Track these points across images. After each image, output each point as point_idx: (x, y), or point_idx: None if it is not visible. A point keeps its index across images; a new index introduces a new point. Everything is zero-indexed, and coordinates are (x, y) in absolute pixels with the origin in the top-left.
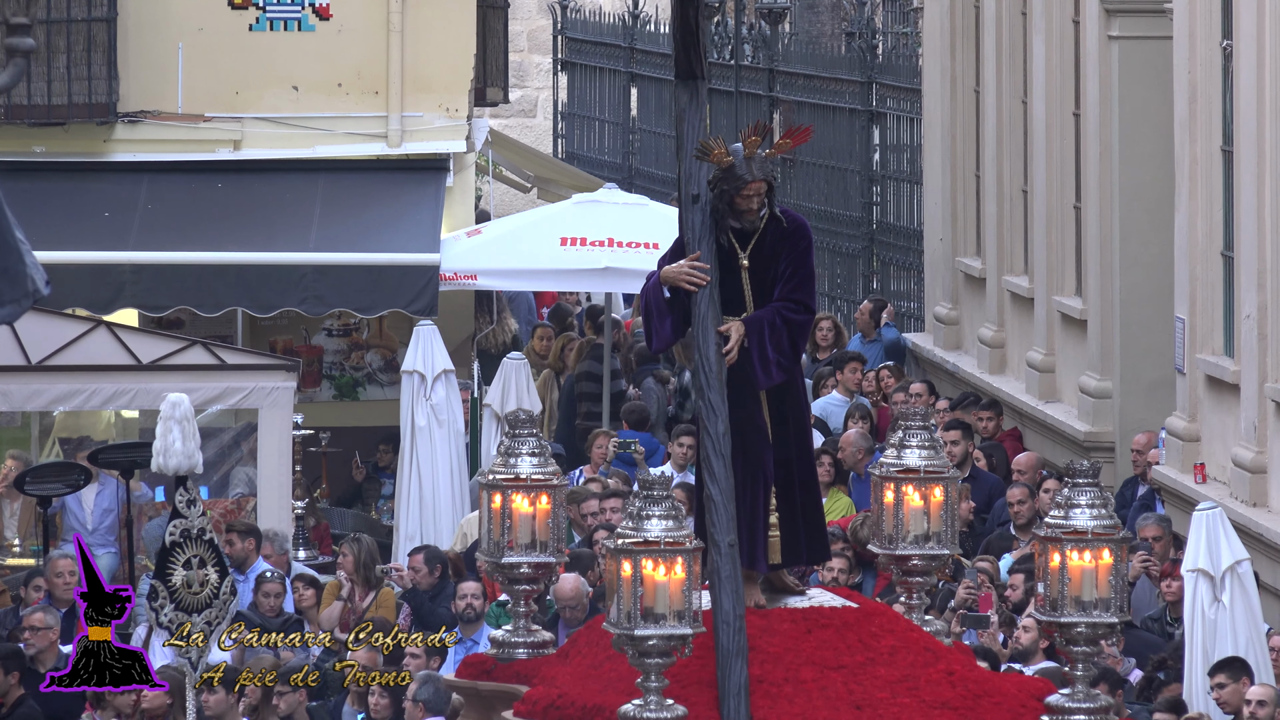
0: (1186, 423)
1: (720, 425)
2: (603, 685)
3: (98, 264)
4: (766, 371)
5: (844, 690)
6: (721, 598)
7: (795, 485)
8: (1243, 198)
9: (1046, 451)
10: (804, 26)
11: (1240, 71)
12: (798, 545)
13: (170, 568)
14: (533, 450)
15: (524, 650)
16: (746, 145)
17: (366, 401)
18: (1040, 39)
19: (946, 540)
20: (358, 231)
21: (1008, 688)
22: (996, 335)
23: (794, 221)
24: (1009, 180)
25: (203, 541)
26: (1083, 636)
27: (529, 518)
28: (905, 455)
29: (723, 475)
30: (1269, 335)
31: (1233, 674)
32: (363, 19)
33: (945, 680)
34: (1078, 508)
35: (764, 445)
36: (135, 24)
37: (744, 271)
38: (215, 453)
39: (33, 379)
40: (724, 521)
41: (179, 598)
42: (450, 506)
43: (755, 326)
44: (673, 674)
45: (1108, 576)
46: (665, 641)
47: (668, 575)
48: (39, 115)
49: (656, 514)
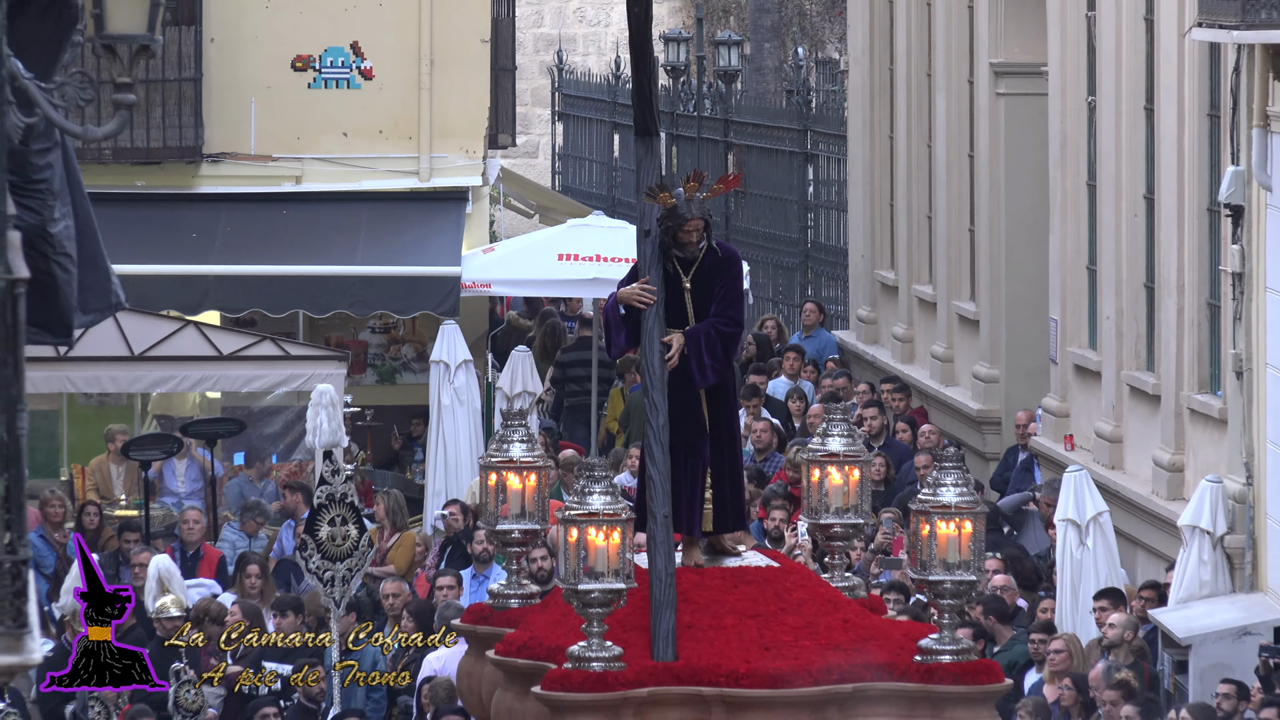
0: (1058, 402)
1: (660, 418)
2: (566, 630)
3: (187, 275)
4: (703, 374)
5: (757, 634)
6: (656, 559)
7: (725, 468)
8: (1103, 223)
9: (947, 425)
10: (752, 85)
11: (1101, 121)
12: (725, 516)
13: (318, 525)
14: (522, 438)
15: (515, 600)
16: (686, 190)
17: (402, 385)
18: (942, 95)
19: (861, 511)
20: (395, 249)
21: (892, 632)
22: (906, 332)
23: (727, 252)
24: (916, 208)
25: (345, 504)
26: (948, 591)
27: (519, 493)
28: (829, 442)
29: (661, 459)
30: (1124, 333)
31: (1113, 600)
32: (399, 79)
33: (840, 626)
34: (944, 486)
35: (701, 435)
36: (217, 83)
37: (686, 293)
38: (281, 426)
39: (135, 367)
40: (660, 496)
41: (325, 549)
42: (469, 469)
43: (694, 337)
44: (615, 621)
45: (968, 543)
46: (604, 594)
47: (606, 541)
48: (139, 156)
49: (597, 491)
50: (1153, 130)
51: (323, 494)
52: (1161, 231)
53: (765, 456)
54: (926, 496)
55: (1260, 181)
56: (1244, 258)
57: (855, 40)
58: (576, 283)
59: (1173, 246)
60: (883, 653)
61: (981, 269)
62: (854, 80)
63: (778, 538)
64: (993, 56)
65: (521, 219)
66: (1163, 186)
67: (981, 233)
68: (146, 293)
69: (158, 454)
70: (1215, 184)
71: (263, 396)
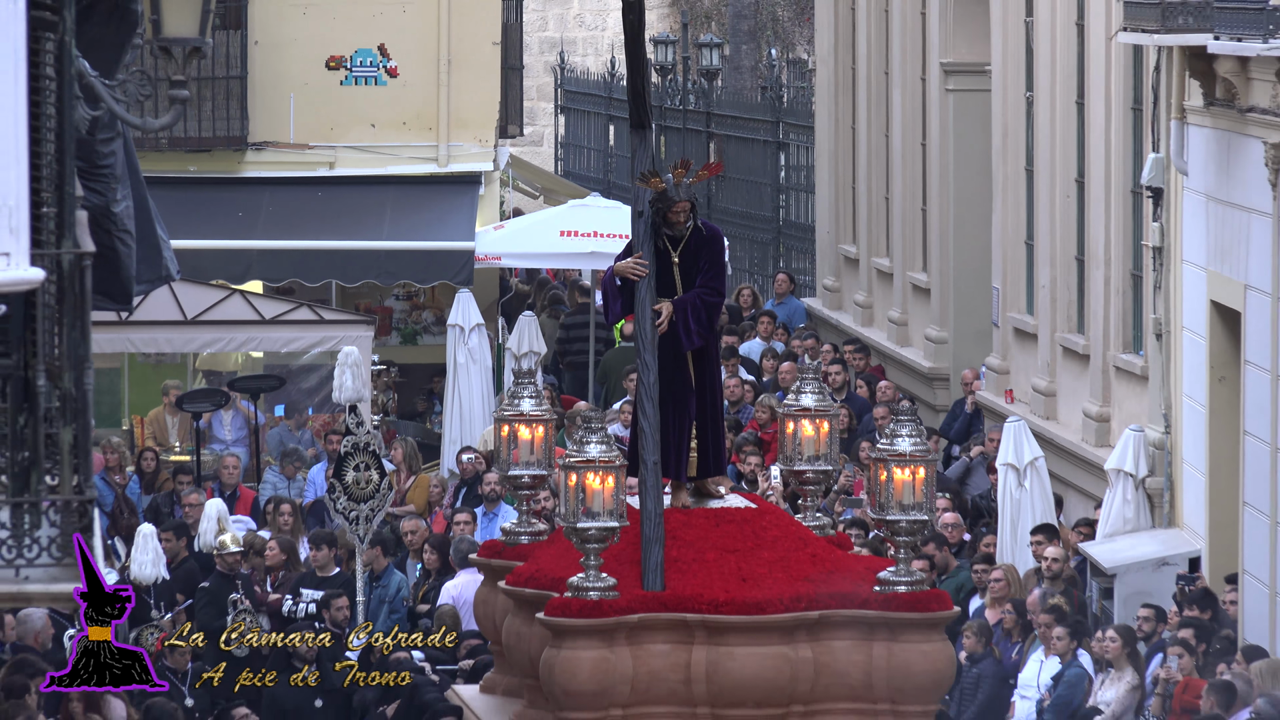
0: (1000, 361)
1: (651, 376)
2: (568, 564)
3: (233, 249)
4: (689, 338)
5: (735, 567)
6: (646, 500)
7: (708, 420)
8: (1039, 203)
9: (902, 381)
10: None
11: (1038, 114)
12: (708, 462)
13: (344, 470)
14: (531, 394)
15: (525, 537)
16: (674, 175)
17: (423, 346)
18: (898, 91)
19: (830, 459)
20: (416, 226)
21: (855, 565)
22: (866, 299)
23: (711, 230)
24: (875, 190)
25: (368, 452)
26: (904, 529)
27: (529, 442)
28: (801, 398)
29: (651, 413)
30: (1057, 300)
31: (1048, 535)
32: (420, 77)
33: (810, 560)
34: (900, 437)
35: (688, 391)
36: (259, 80)
37: (675, 267)
38: (316, 381)
39: (187, 330)
40: (650, 446)
41: (350, 492)
42: (480, 419)
43: (681, 306)
44: (610, 555)
45: (921, 487)
46: (600, 532)
47: (601, 484)
48: (192, 145)
49: (594, 440)
50: (1083, 122)
51: (348, 443)
52: (1091, 211)
53: (739, 408)
54: (884, 446)
55: (1178, 167)
56: (1163, 234)
57: (822, 42)
58: (576, 255)
59: (1100, 224)
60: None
61: (932, 243)
62: (821, 78)
63: (752, 481)
64: (942, 57)
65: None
66: (1092, 171)
67: (932, 211)
68: (198, 264)
69: (207, 406)
70: (1138, 169)
71: (300, 356)
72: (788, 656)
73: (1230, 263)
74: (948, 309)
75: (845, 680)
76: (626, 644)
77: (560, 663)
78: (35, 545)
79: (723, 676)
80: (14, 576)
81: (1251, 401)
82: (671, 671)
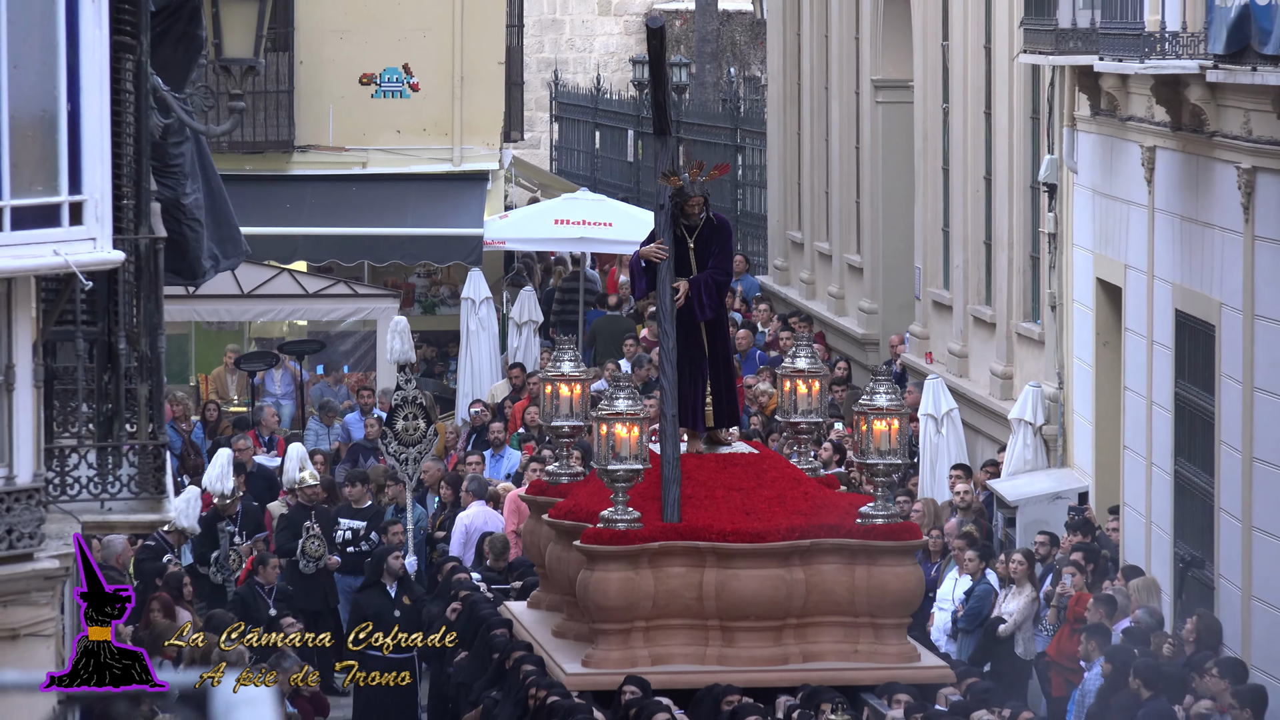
0: (921, 328)
1: (670, 342)
2: (601, 500)
3: (282, 235)
4: (702, 311)
5: (740, 503)
6: (665, 447)
7: (721, 377)
8: (953, 196)
9: (840, 345)
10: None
11: (953, 122)
12: (721, 415)
13: (394, 419)
14: (570, 358)
15: (565, 478)
16: (690, 174)
17: (441, 315)
18: (836, 103)
19: (820, 412)
20: (435, 215)
21: (840, 502)
22: (809, 277)
23: (722, 221)
24: (818, 185)
25: (415, 404)
26: (881, 471)
27: (568, 399)
28: (797, 361)
29: (670, 373)
30: (969, 277)
31: (962, 473)
32: (438, 90)
33: (803, 498)
34: (878, 394)
35: (701, 355)
36: (305, 93)
37: (690, 251)
38: (352, 345)
39: (243, 303)
40: (669, 401)
41: (400, 438)
42: (488, 377)
43: (696, 283)
44: (635, 493)
45: (896, 435)
46: (627, 473)
47: (628, 433)
48: (248, 147)
49: (622, 396)
50: (990, 129)
51: (398, 397)
52: (996, 203)
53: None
54: (865, 401)
55: (1069, 166)
56: (1057, 222)
57: (772, 62)
58: (567, 240)
59: (1005, 214)
60: (833, 516)
61: (865, 230)
62: (772, 92)
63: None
64: (873, 74)
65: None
66: (997, 170)
67: (865, 203)
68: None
69: (261, 366)
70: (1036, 168)
71: (338, 324)
72: (784, 577)
73: (1112, 246)
74: (878, 285)
75: (832, 597)
76: (649, 567)
77: (594, 582)
78: (117, 482)
79: (729, 594)
80: (100, 508)
81: (1130, 362)
82: (686, 590)
